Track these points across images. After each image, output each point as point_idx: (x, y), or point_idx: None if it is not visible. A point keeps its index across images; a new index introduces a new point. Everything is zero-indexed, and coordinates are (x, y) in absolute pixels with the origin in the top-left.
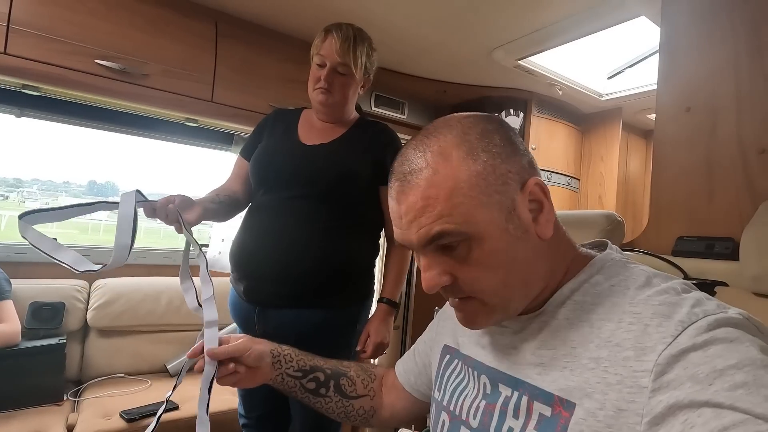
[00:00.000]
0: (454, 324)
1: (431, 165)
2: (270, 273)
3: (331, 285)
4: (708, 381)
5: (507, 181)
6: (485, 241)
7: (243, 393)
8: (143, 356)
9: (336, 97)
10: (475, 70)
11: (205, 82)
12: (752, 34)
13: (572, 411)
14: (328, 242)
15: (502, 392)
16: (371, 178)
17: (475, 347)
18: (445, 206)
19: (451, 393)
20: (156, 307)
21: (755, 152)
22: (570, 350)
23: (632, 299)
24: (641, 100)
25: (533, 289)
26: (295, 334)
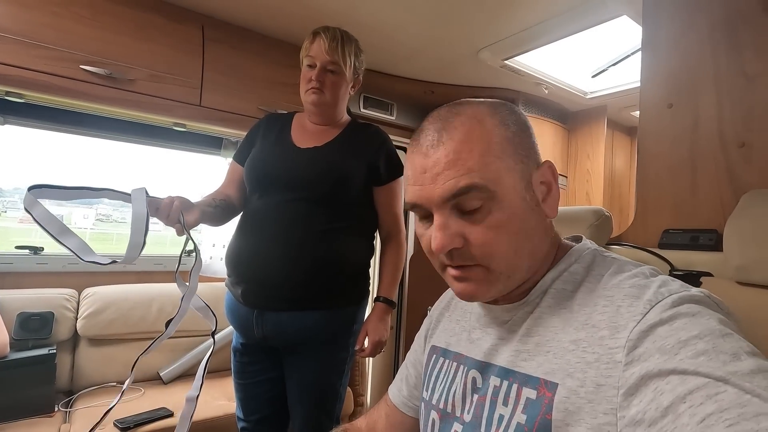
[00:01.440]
0: (444, 326)
1: (466, 125)
2: (268, 276)
3: (328, 286)
4: (674, 351)
5: (530, 154)
6: (505, 203)
7: (241, 396)
8: None
9: (327, 96)
10: (463, 70)
11: (192, 87)
12: (730, 33)
13: (555, 390)
14: (325, 244)
15: (491, 383)
16: (366, 179)
17: (465, 344)
18: (477, 162)
19: (440, 392)
20: (147, 314)
21: (736, 146)
22: (553, 335)
23: (606, 284)
24: (625, 97)
25: (535, 264)
26: (294, 337)
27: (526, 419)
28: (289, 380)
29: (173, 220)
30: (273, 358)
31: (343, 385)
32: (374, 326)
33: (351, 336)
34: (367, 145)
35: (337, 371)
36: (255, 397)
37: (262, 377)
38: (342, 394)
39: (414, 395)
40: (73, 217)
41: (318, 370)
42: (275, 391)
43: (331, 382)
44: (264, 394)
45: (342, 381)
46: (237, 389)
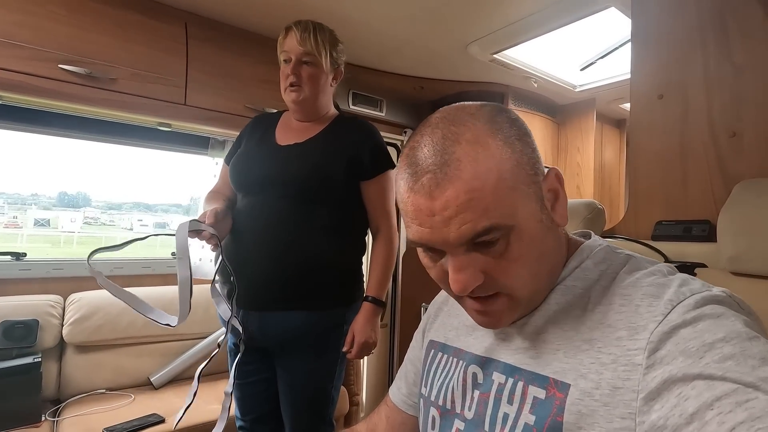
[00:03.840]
0: (441, 320)
1: (470, 155)
2: (252, 276)
3: (312, 286)
4: (699, 354)
5: (536, 168)
6: (524, 233)
7: (238, 396)
8: (125, 370)
9: (306, 91)
10: (452, 65)
11: (177, 85)
12: (719, 23)
13: (567, 392)
14: (311, 243)
15: (495, 380)
16: (349, 175)
17: (466, 338)
18: (492, 200)
19: (439, 387)
20: (136, 318)
21: (726, 136)
22: (562, 333)
23: (621, 282)
24: (613, 90)
25: (555, 279)
26: (278, 338)
27: (535, 420)
28: (280, 382)
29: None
30: (267, 359)
31: (335, 387)
32: (361, 327)
33: (341, 337)
34: (349, 139)
35: (327, 374)
36: (251, 396)
37: (256, 377)
38: (334, 396)
39: (414, 393)
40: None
41: (307, 373)
42: (271, 390)
43: (322, 385)
44: (260, 394)
45: (333, 383)
46: (234, 389)
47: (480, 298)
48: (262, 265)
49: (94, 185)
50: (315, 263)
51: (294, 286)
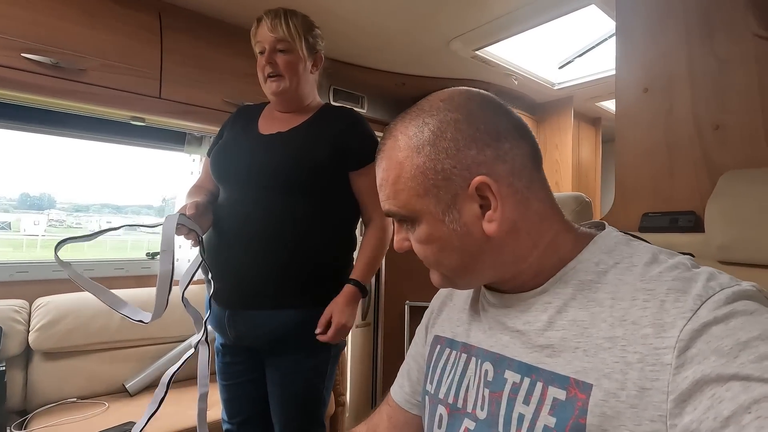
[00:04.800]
0: (447, 314)
1: (388, 150)
2: (237, 274)
3: (303, 284)
4: (733, 354)
5: (450, 177)
6: (423, 225)
7: (226, 397)
8: (98, 377)
9: (286, 81)
10: (434, 61)
11: (151, 78)
12: (702, 18)
13: (589, 392)
14: (298, 237)
15: (508, 378)
16: (336, 165)
17: (477, 333)
18: (390, 190)
19: (448, 385)
20: (109, 322)
21: (710, 128)
22: (581, 331)
23: (643, 276)
24: (590, 88)
25: (485, 275)
26: (268, 337)
27: (556, 422)
28: (270, 383)
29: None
30: (256, 359)
31: (327, 387)
32: (340, 309)
33: None
34: (336, 127)
35: (318, 373)
36: (238, 398)
37: (244, 378)
38: (326, 397)
39: (417, 391)
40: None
41: (298, 372)
42: (259, 391)
43: (313, 385)
44: (247, 395)
45: (325, 383)
46: (220, 390)
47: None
48: (248, 261)
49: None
50: (302, 259)
51: (282, 283)
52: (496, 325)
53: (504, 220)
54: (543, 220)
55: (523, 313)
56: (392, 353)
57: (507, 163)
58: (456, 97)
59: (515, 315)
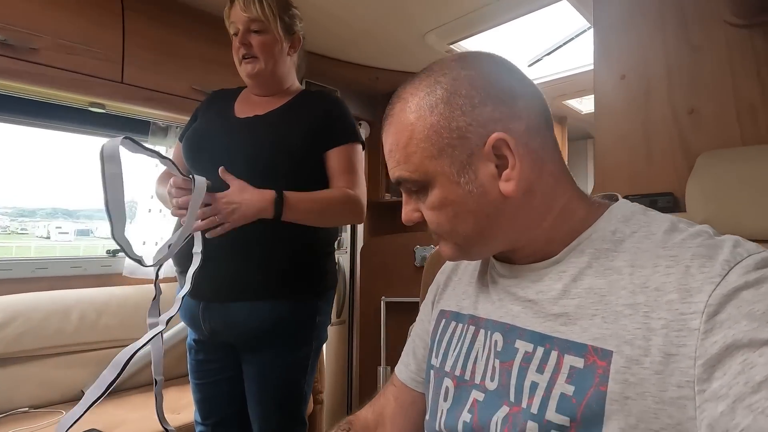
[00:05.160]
0: (452, 288)
1: (397, 113)
2: (211, 264)
3: (283, 274)
4: (765, 318)
5: (465, 135)
6: (436, 189)
7: (200, 397)
8: (53, 384)
9: (261, 62)
10: (408, 55)
11: (112, 61)
12: (677, 8)
13: (609, 359)
14: (277, 225)
15: (519, 348)
16: (315, 148)
17: (484, 305)
18: (402, 154)
19: (455, 357)
20: (65, 324)
21: (685, 113)
22: (598, 299)
23: (665, 243)
24: (558, 86)
25: (499, 241)
26: (245, 331)
27: (575, 391)
28: (247, 379)
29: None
30: (232, 355)
31: (308, 383)
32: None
33: (314, 329)
34: (312, 110)
35: (299, 368)
36: (213, 398)
37: (219, 376)
38: (307, 393)
39: (423, 369)
40: None
41: (278, 368)
42: (235, 391)
43: (294, 380)
44: (223, 395)
45: (306, 379)
46: (193, 390)
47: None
48: (224, 251)
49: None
50: (282, 248)
51: (260, 273)
52: (507, 296)
53: (521, 179)
54: (557, 183)
55: (535, 283)
56: (368, 350)
57: (522, 120)
58: (467, 56)
59: (527, 285)
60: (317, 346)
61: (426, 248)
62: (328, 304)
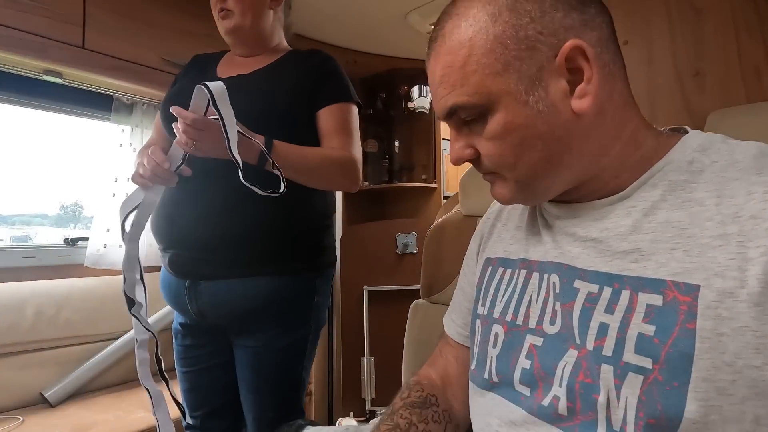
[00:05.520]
0: (497, 236)
1: (449, 32)
2: (195, 237)
3: (273, 247)
4: None
5: (535, 45)
6: (500, 113)
7: (188, 387)
8: (8, 386)
9: (238, 17)
10: (389, 36)
11: (72, 23)
12: None
13: (695, 294)
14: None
15: (580, 288)
16: (305, 107)
17: (537, 248)
18: (458, 76)
19: (505, 303)
20: (20, 320)
21: (690, 76)
22: (678, 232)
23: (759, 170)
24: None
25: (567, 171)
26: (236, 311)
27: (656, 330)
28: (239, 366)
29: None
30: (222, 339)
31: (305, 368)
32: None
33: (312, 310)
34: (302, 67)
35: (296, 352)
36: (202, 387)
37: (209, 363)
38: (305, 378)
39: (468, 322)
40: None
41: (273, 352)
42: (227, 378)
43: (291, 365)
44: (213, 383)
45: (304, 363)
46: (180, 379)
47: (487, 175)
48: (210, 224)
49: None
50: (273, 219)
51: (251, 247)
52: (564, 237)
53: (597, 94)
54: (626, 106)
55: (599, 221)
56: (351, 341)
57: (595, 30)
58: None
59: (588, 224)
60: (315, 329)
61: (408, 235)
62: (327, 284)
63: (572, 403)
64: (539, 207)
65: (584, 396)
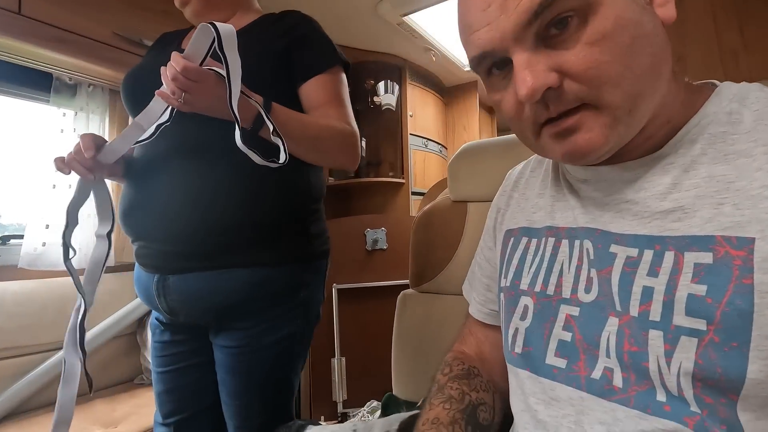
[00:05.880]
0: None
1: None
2: (160, 226)
3: (250, 235)
4: None
5: None
6: (606, 6)
7: (162, 389)
8: None
9: None
10: (358, 27)
11: None
12: None
13: (749, 247)
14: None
15: (617, 253)
16: (283, 80)
17: (565, 214)
18: None
19: (533, 273)
20: None
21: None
22: (724, 186)
23: None
24: None
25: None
26: (209, 308)
27: (708, 290)
28: (218, 368)
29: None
30: (204, 336)
31: (293, 370)
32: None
33: (299, 306)
34: (276, 31)
35: (281, 352)
36: (178, 389)
37: (187, 362)
38: (294, 381)
39: (488, 299)
40: None
41: (253, 352)
42: (207, 381)
43: (275, 368)
44: (191, 386)
45: (291, 365)
46: (155, 381)
47: (560, 119)
48: (177, 211)
49: None
50: (248, 201)
51: (225, 235)
52: (593, 202)
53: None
54: (666, 41)
55: (633, 182)
56: (320, 341)
57: None
58: None
59: (621, 186)
60: (304, 327)
61: (377, 231)
62: (317, 277)
63: (626, 374)
64: (563, 172)
65: (635, 365)
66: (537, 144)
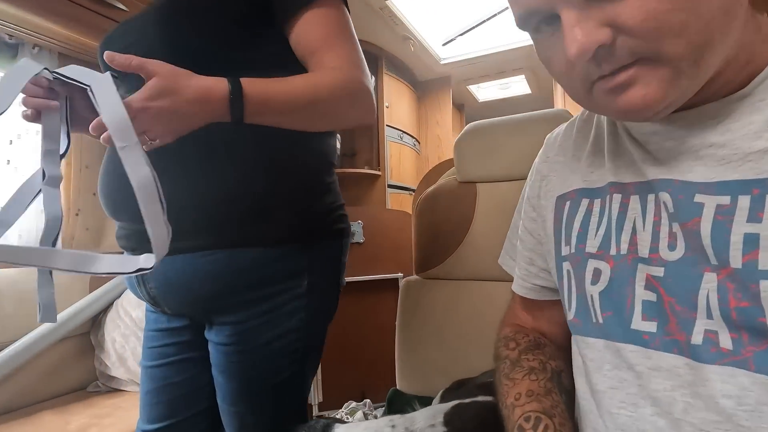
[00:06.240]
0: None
1: None
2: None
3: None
4: None
5: None
6: None
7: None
8: None
9: None
10: None
11: None
12: None
13: None
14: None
15: (705, 202)
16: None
17: (629, 169)
18: None
19: (601, 236)
20: None
21: None
22: None
23: None
24: (467, 68)
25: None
26: (194, 296)
27: None
28: (213, 368)
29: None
30: (202, 327)
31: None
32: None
33: (303, 296)
34: None
35: (282, 351)
36: (171, 387)
37: (180, 356)
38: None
39: (531, 272)
40: None
41: (248, 351)
42: (203, 380)
43: (276, 369)
44: (181, 386)
45: (299, 366)
46: (143, 379)
47: (615, 75)
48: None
49: None
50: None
51: (211, 212)
52: (665, 151)
53: None
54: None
55: (716, 125)
56: None
57: None
58: None
59: (700, 130)
60: (310, 321)
61: (354, 224)
62: (327, 263)
63: (736, 334)
64: (625, 127)
65: (748, 323)
66: (590, 101)
